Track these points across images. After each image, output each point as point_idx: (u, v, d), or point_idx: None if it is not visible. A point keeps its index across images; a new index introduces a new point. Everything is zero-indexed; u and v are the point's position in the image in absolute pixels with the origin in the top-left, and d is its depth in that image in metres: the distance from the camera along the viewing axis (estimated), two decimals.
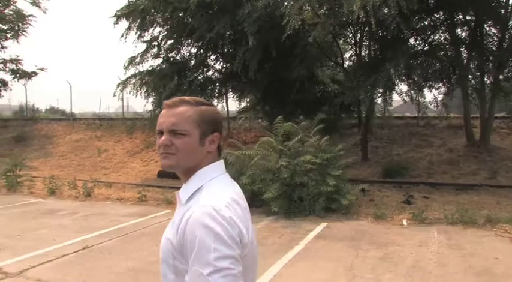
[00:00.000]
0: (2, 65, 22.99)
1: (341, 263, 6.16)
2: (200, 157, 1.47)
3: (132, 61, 15.64)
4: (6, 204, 10.56)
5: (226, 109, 19.28)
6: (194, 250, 1.26)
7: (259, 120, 20.05)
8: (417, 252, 6.64)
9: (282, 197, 9.02)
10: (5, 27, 22.75)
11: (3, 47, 23.09)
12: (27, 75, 23.37)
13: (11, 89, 23.64)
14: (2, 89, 23.17)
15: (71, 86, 23.49)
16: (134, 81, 15.67)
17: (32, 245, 7.04)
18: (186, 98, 1.49)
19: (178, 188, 1.56)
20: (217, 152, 1.52)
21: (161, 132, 1.46)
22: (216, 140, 1.50)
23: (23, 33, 23.24)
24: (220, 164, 1.53)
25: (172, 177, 14.97)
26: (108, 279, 5.51)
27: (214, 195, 1.38)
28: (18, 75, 23.21)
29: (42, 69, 23.75)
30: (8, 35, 23.05)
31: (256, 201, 9.56)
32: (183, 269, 1.33)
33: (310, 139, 9.64)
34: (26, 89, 24.62)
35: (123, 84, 15.62)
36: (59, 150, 19.98)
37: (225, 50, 14.38)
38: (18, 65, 23.37)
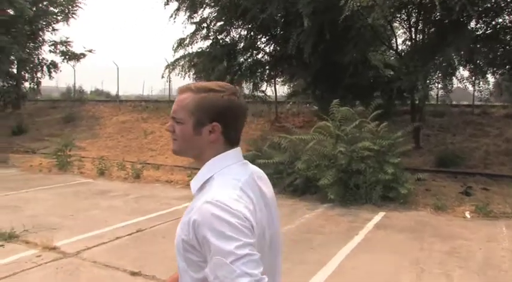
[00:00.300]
0: (52, 47, 23.33)
1: (405, 256, 5.82)
2: (200, 146, 1.43)
3: (181, 43, 15.47)
4: (59, 183, 10.62)
5: (274, 93, 18.96)
6: (211, 242, 1.22)
7: (307, 104, 19.68)
8: (487, 248, 6.22)
9: (337, 184, 8.70)
10: (56, 10, 23.03)
11: (54, 30, 23.39)
12: (76, 57, 23.65)
13: (60, 71, 24.00)
14: (52, 70, 23.52)
15: (118, 68, 23.62)
16: (183, 63, 15.52)
17: (85, 225, 6.97)
18: (193, 84, 1.45)
19: None
20: (223, 141, 1.43)
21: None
22: (217, 129, 1.40)
23: (73, 15, 23.50)
24: (234, 152, 1.45)
25: None
26: (163, 264, 5.34)
27: (223, 187, 1.33)
28: (67, 56, 23.52)
29: (90, 51, 24.03)
30: (59, 18, 23.33)
31: (310, 188, 9.29)
32: (196, 260, 1.32)
33: (368, 125, 9.25)
34: (74, 70, 24.96)
35: (172, 66, 15.48)
36: (106, 131, 20.12)
37: (277, 32, 14.02)
38: (68, 46, 23.67)
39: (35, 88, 23.93)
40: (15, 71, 22.20)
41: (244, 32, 15.37)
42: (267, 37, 14.94)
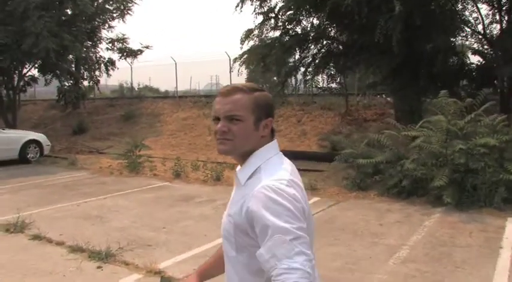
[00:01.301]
0: (110, 45, 22.96)
1: None
2: (255, 141, 1.52)
3: (249, 34, 14.65)
4: (136, 188, 9.97)
5: (345, 85, 17.86)
6: (271, 223, 1.29)
7: (378, 96, 18.51)
8: None
9: (453, 186, 7.64)
10: (111, 8, 22.61)
11: (110, 27, 23.00)
12: (133, 54, 23.22)
13: (117, 68, 23.59)
14: (110, 68, 23.15)
15: (176, 63, 23.06)
16: (249, 55, 14.69)
17: (183, 240, 6.21)
18: (240, 85, 1.55)
19: (305, 171, 1.68)
20: (270, 134, 1.57)
21: (217, 119, 1.52)
22: (270, 124, 1.55)
23: (128, 12, 23.04)
24: (274, 144, 1.57)
25: (291, 157, 13.97)
26: None
27: (274, 174, 1.42)
28: (125, 53, 23.11)
29: (147, 47, 23.52)
30: (115, 15, 22.92)
31: (417, 189, 8.26)
32: (246, 244, 1.43)
33: (484, 119, 8.13)
34: (131, 67, 24.57)
35: (240, 58, 14.69)
36: (167, 128, 19.56)
37: (356, 20, 12.96)
38: (125, 43, 23.25)
39: (93, 87, 23.66)
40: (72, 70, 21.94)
41: (316, 21, 14.40)
42: (343, 25, 13.87)
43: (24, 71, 20.69)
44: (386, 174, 8.65)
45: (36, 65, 20.16)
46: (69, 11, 18.77)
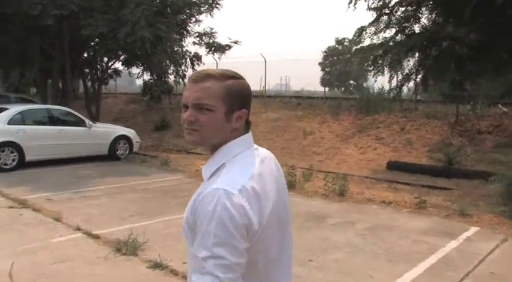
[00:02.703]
0: (198, 39, 21.91)
1: None
2: (225, 134, 1.44)
3: (361, 32, 13.06)
4: None
5: (468, 93, 15.79)
6: (199, 231, 1.30)
7: (492, 105, 16.31)
8: None
9: None
10: (199, 1, 21.59)
11: (197, 21, 21.97)
12: (222, 49, 22.04)
13: (203, 64, 22.52)
14: (195, 63, 22.10)
15: (265, 60, 21.72)
16: (364, 55, 13.15)
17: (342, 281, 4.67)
18: (212, 71, 1.45)
19: (429, 187, 4.54)
20: (243, 127, 1.49)
21: (186, 107, 1.44)
22: (244, 116, 1.46)
23: (217, 6, 21.90)
24: (246, 138, 1.49)
25: (401, 169, 12.27)
26: None
27: (232, 176, 1.36)
28: (213, 48, 21.98)
29: (236, 42, 22.26)
30: (202, 9, 21.88)
31: None
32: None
33: None
34: (216, 62, 23.43)
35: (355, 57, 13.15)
36: (257, 130, 18.09)
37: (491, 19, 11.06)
38: (213, 38, 22.14)
39: (179, 81, 22.74)
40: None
41: (438, 19, 12.61)
42: (469, 26, 11.97)
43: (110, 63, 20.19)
44: None
45: (121, 58, 19.59)
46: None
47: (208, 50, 21.99)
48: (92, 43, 18.75)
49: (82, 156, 12.52)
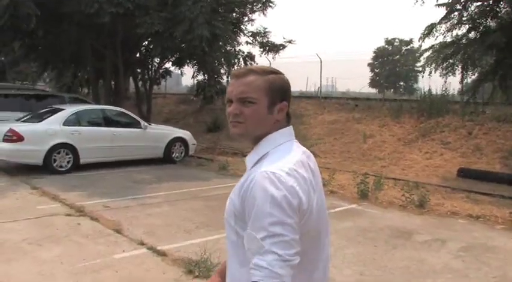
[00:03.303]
0: (251, 38, 21.33)
1: None
2: (268, 125, 1.47)
3: (431, 30, 12.15)
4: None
5: None
6: (252, 213, 1.30)
7: None
8: None
9: None
10: (251, 0, 21.03)
11: (250, 20, 21.43)
12: (276, 48, 21.38)
13: (257, 63, 21.93)
14: (248, 63, 21.53)
15: (321, 61, 20.94)
16: (435, 54, 12.24)
17: None
18: (254, 67, 1.51)
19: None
20: (285, 120, 1.52)
21: (230, 101, 1.48)
22: (285, 108, 1.50)
23: (270, 5, 21.26)
24: (288, 130, 1.52)
25: (475, 177, 11.27)
26: None
27: (277, 161, 1.38)
28: (267, 48, 21.34)
29: (290, 42, 21.57)
30: (255, 8, 21.29)
31: None
32: (244, 228, 1.36)
33: None
34: (270, 62, 22.80)
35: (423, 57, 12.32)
36: (313, 132, 17.39)
37: None
38: (267, 38, 21.51)
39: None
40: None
41: None
42: None
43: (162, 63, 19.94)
44: None
45: (174, 58, 19.27)
46: None
47: (262, 49, 21.37)
48: (145, 42, 18.49)
49: (136, 159, 12.10)
